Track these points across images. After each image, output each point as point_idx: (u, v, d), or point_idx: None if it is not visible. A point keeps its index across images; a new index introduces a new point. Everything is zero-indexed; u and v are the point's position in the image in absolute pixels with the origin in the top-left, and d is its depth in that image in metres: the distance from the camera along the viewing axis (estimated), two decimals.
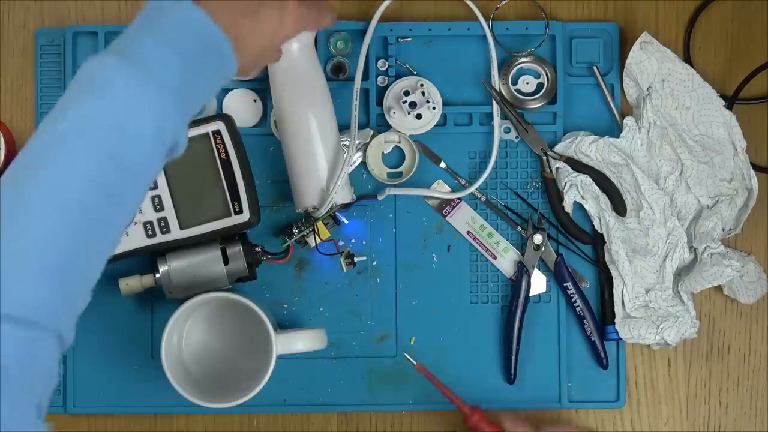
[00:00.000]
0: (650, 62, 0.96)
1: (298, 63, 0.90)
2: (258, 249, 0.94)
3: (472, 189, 0.98)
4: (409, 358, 0.95)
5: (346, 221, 0.96)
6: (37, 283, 0.63)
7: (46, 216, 0.64)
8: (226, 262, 0.92)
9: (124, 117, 0.66)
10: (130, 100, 0.66)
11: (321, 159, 0.91)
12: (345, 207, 0.94)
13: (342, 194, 0.92)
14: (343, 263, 0.96)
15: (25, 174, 0.65)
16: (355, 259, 0.96)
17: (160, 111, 0.67)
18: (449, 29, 0.99)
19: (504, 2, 0.99)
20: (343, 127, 0.95)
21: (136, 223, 0.91)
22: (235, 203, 0.91)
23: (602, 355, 0.97)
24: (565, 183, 0.97)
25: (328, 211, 0.92)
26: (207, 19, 0.71)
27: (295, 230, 0.94)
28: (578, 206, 0.98)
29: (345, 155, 0.93)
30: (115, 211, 0.67)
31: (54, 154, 0.65)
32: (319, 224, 0.93)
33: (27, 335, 0.62)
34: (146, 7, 0.71)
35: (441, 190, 0.99)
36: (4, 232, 0.63)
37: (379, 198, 0.97)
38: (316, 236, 0.94)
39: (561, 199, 0.97)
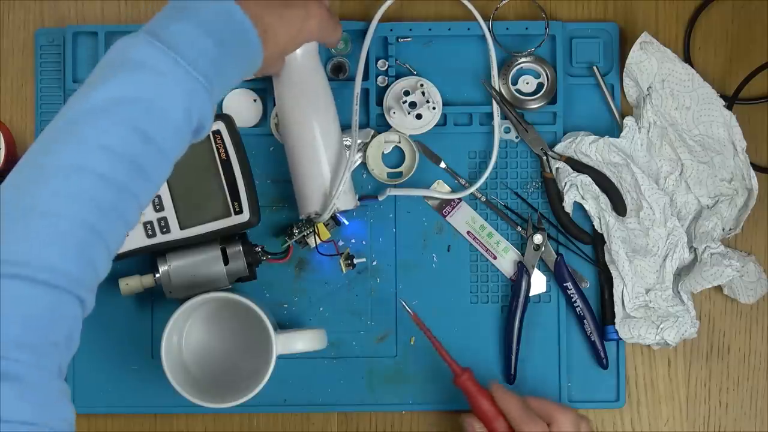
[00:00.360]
0: (650, 62, 0.96)
1: (301, 68, 0.90)
2: (258, 249, 0.94)
3: (473, 189, 0.98)
4: (405, 306, 0.93)
5: (346, 222, 0.96)
6: (62, 247, 0.64)
7: (73, 182, 0.65)
8: (226, 262, 0.92)
9: (153, 93, 0.68)
10: (160, 78, 0.68)
11: (324, 165, 0.91)
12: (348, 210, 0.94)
13: (345, 200, 0.92)
14: (342, 264, 0.96)
15: (55, 143, 0.66)
16: (355, 261, 0.96)
17: (188, 90, 0.69)
18: (449, 29, 0.99)
19: (504, 2, 0.99)
20: (344, 127, 0.95)
21: None
22: (235, 203, 0.91)
23: (602, 355, 0.97)
24: (565, 183, 0.97)
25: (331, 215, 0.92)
26: (236, 6, 0.73)
27: (296, 231, 0.94)
28: (578, 206, 0.98)
29: (347, 161, 0.92)
30: (140, 184, 0.69)
31: (84, 126, 0.66)
32: (320, 225, 0.93)
33: (50, 297, 0.63)
34: None
35: (441, 190, 0.99)
36: (31, 197, 0.64)
37: (380, 198, 0.97)
38: (317, 237, 0.94)
39: (561, 199, 0.97)
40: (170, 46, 0.69)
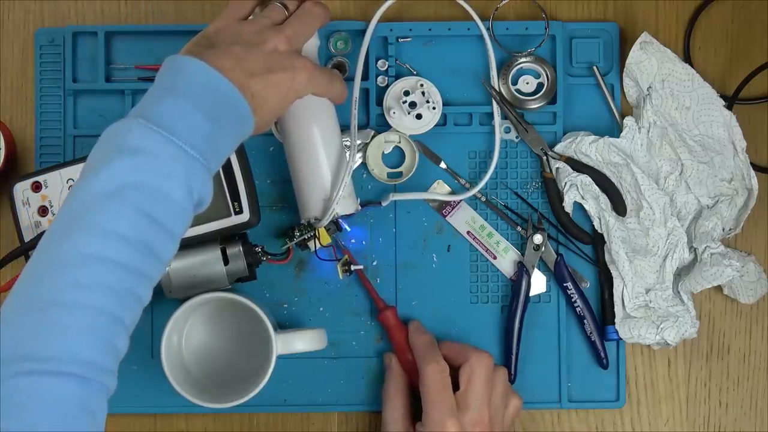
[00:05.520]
0: (650, 62, 0.96)
1: None
2: (258, 249, 0.94)
3: (475, 191, 0.97)
4: (353, 266, 0.96)
5: (348, 228, 0.96)
6: (86, 338, 0.65)
7: (90, 272, 0.66)
8: (226, 262, 0.92)
9: (154, 177, 0.69)
10: (159, 161, 0.69)
11: (325, 170, 0.91)
12: (350, 214, 0.94)
13: (345, 205, 0.92)
14: (339, 270, 0.96)
15: (66, 233, 0.67)
16: (352, 267, 0.96)
17: (187, 169, 0.70)
18: (449, 29, 0.99)
19: (504, 2, 0.99)
20: (343, 128, 0.95)
21: None
22: (235, 203, 0.91)
23: (602, 355, 0.97)
24: (565, 183, 0.97)
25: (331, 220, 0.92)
26: (222, 78, 0.73)
27: (297, 233, 0.94)
28: (578, 206, 0.98)
29: (347, 165, 0.91)
30: (152, 265, 0.70)
31: (91, 214, 0.67)
32: (321, 230, 0.93)
33: (80, 390, 0.64)
34: (163, 69, 0.74)
35: (441, 190, 0.99)
36: (50, 289, 0.65)
37: (384, 204, 0.97)
38: (317, 241, 0.93)
39: (561, 199, 0.97)
40: (164, 127, 0.69)
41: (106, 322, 0.66)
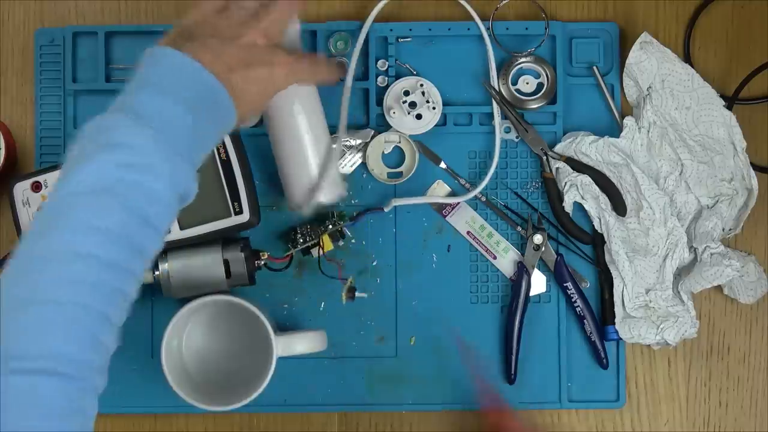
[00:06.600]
0: (650, 62, 0.96)
1: None
2: (261, 263, 0.94)
3: (476, 192, 0.97)
4: (357, 294, 0.96)
5: (353, 239, 0.96)
6: (68, 334, 0.64)
7: (73, 268, 0.65)
8: (228, 275, 0.92)
9: (137, 172, 0.68)
10: (143, 156, 0.68)
11: (310, 155, 0.90)
12: (354, 220, 0.95)
13: (330, 191, 0.91)
14: (343, 296, 0.96)
15: (49, 229, 0.66)
16: (356, 294, 0.96)
17: (171, 163, 0.69)
18: (449, 29, 0.99)
19: (504, 2, 0.99)
20: (348, 127, 0.95)
21: None
22: (235, 203, 0.91)
23: (602, 355, 0.97)
24: (565, 183, 0.97)
25: (330, 219, 0.92)
26: (204, 70, 0.73)
27: (300, 238, 0.94)
28: (578, 206, 0.98)
29: (337, 152, 0.91)
30: (136, 261, 0.69)
31: (75, 209, 0.67)
32: (324, 237, 0.93)
33: (66, 390, 0.63)
34: (144, 61, 0.73)
35: (441, 190, 0.99)
36: (32, 286, 0.65)
37: (386, 210, 0.97)
38: (321, 249, 0.93)
39: (561, 199, 0.97)
40: (147, 120, 0.69)
41: (90, 318, 0.65)
